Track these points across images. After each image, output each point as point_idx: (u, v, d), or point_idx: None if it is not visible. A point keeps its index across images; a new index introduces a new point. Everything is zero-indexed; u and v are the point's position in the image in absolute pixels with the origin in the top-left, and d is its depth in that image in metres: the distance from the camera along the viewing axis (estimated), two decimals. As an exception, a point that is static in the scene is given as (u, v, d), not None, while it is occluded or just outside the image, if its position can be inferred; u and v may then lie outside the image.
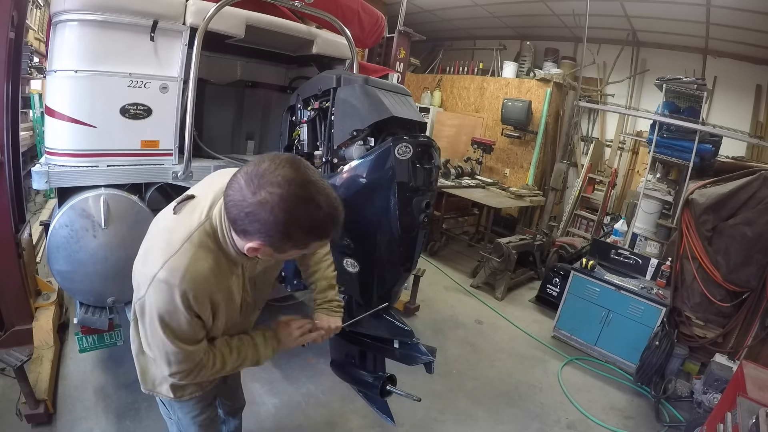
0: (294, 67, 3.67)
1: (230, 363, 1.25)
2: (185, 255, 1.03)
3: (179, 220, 1.09)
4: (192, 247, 1.04)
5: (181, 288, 1.01)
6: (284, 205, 0.91)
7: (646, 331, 3.56)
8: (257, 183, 0.92)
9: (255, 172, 0.93)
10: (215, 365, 1.21)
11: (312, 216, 0.95)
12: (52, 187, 2.14)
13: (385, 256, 1.80)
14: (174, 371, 1.14)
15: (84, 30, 2.08)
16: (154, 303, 1.03)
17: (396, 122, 1.75)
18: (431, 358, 1.87)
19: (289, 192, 0.91)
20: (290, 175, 0.92)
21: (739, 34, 5.11)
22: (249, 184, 0.93)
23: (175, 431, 1.58)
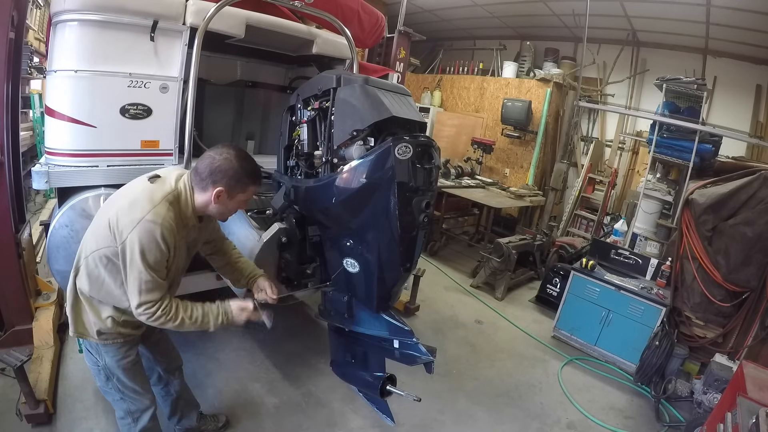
0: (294, 67, 3.67)
1: (182, 317, 1.57)
2: (163, 207, 1.49)
3: (156, 186, 1.55)
4: (166, 203, 1.51)
5: (161, 227, 1.46)
6: (237, 160, 1.56)
7: (646, 331, 3.56)
8: (221, 151, 1.57)
9: (217, 149, 1.58)
10: (171, 311, 1.54)
11: (252, 167, 1.61)
12: (52, 187, 2.15)
13: (385, 256, 1.80)
14: (143, 300, 1.48)
15: (84, 30, 2.09)
16: (139, 239, 1.44)
17: (396, 122, 1.75)
18: (431, 358, 1.87)
19: (239, 153, 1.60)
20: (236, 147, 1.63)
21: (739, 34, 5.11)
22: (216, 153, 1.56)
23: (102, 377, 1.77)
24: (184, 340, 2.94)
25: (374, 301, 1.91)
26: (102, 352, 1.71)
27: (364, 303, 1.98)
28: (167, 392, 2.13)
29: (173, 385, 2.14)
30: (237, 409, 2.60)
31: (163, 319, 1.52)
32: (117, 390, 1.79)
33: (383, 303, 1.93)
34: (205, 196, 1.57)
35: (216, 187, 1.54)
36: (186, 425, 2.24)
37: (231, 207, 1.64)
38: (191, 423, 2.25)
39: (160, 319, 1.52)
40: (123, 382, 1.77)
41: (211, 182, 1.54)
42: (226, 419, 2.46)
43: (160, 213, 1.47)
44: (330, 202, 1.82)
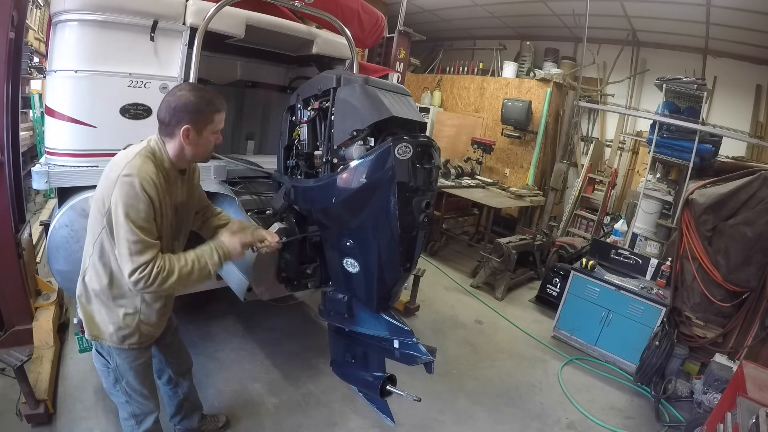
0: (294, 67, 3.67)
1: (179, 269, 1.49)
2: (138, 160, 1.45)
3: (129, 149, 1.53)
4: (141, 157, 1.46)
5: (139, 177, 1.41)
6: (192, 93, 1.51)
7: (646, 331, 3.56)
8: (173, 91, 1.53)
9: (171, 90, 1.56)
10: (166, 267, 1.45)
11: (209, 95, 1.54)
12: (52, 187, 2.15)
13: (385, 256, 1.80)
14: (136, 264, 1.40)
15: (84, 30, 2.09)
16: (120, 199, 1.39)
17: (396, 122, 1.75)
18: (431, 358, 1.87)
19: (191, 86, 1.56)
20: (189, 83, 1.72)
21: (739, 34, 5.11)
22: (170, 95, 1.52)
23: (111, 379, 1.73)
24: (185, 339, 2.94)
25: (374, 301, 1.90)
26: (114, 354, 1.66)
27: (364, 303, 1.97)
28: (175, 393, 2.14)
29: (182, 387, 2.14)
30: (237, 409, 2.60)
31: (160, 279, 1.43)
32: (124, 392, 1.75)
33: (383, 303, 1.93)
34: (175, 141, 1.52)
35: (181, 127, 1.48)
36: (187, 426, 2.25)
37: (203, 143, 1.56)
38: (192, 424, 2.25)
39: (158, 280, 1.43)
40: (132, 385, 1.74)
41: (175, 124, 1.48)
42: (227, 419, 2.47)
43: (135, 165, 1.43)
44: (330, 202, 1.82)
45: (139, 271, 1.40)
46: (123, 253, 1.41)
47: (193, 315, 3.43)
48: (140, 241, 1.40)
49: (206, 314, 3.51)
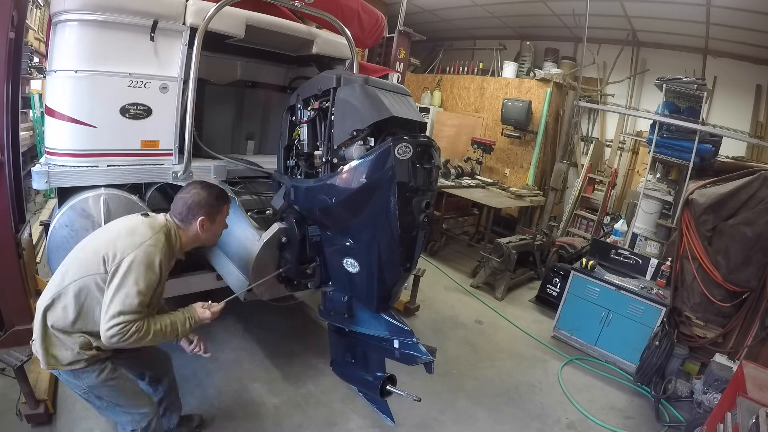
0: (294, 67, 3.67)
1: (153, 331, 1.60)
2: (162, 235, 1.66)
3: (151, 219, 1.72)
4: (163, 233, 1.67)
5: (160, 254, 1.61)
6: (205, 190, 1.77)
7: (646, 331, 3.56)
8: (188, 189, 1.79)
9: (183, 190, 1.81)
10: (143, 328, 1.56)
11: (217, 190, 1.83)
12: (52, 187, 2.15)
13: (385, 256, 1.80)
14: (121, 320, 1.51)
15: (84, 30, 2.09)
16: (137, 263, 1.54)
17: (396, 122, 1.75)
18: (431, 358, 1.87)
19: (203, 184, 1.83)
20: (198, 181, 1.92)
21: (739, 34, 5.11)
22: (185, 193, 1.77)
23: (94, 399, 1.76)
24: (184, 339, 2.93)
25: (374, 301, 1.91)
26: (80, 377, 1.69)
27: (364, 303, 1.98)
28: (156, 390, 2.14)
29: (162, 385, 2.15)
30: (237, 409, 2.60)
31: (135, 338, 1.53)
32: (115, 406, 1.78)
33: (383, 303, 1.93)
34: (191, 229, 1.76)
35: (197, 218, 1.74)
36: (165, 425, 2.20)
37: (216, 229, 1.84)
38: (170, 424, 2.24)
39: (132, 338, 1.53)
40: (115, 398, 1.77)
41: (192, 216, 1.74)
42: (201, 419, 2.43)
43: (160, 240, 1.63)
44: (330, 202, 1.82)
45: (120, 326, 1.50)
46: (114, 307, 1.51)
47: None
48: (137, 304, 1.53)
49: (206, 314, 3.50)
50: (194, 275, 2.77)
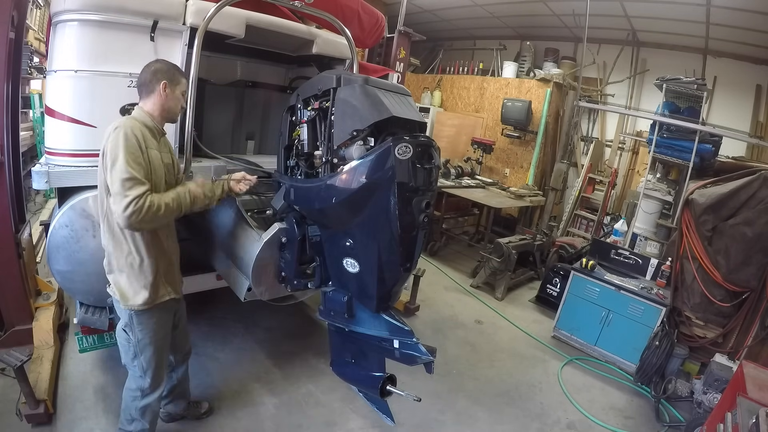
0: (294, 67, 3.67)
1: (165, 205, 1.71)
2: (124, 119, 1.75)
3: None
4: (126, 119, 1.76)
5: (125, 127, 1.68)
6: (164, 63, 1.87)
7: (646, 331, 3.56)
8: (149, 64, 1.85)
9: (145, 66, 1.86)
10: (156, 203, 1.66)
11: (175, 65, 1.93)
12: (52, 187, 2.15)
13: (385, 256, 1.80)
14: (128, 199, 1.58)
15: (84, 30, 2.09)
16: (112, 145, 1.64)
17: (396, 122, 1.75)
18: (431, 358, 1.87)
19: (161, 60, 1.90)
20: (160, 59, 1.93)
21: (739, 34, 5.11)
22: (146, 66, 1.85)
23: (131, 354, 1.90)
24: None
25: (374, 301, 1.90)
26: (137, 329, 1.85)
27: (364, 303, 1.98)
28: (169, 377, 2.21)
29: (177, 372, 2.27)
30: (237, 409, 2.60)
31: (151, 214, 1.63)
32: (140, 368, 1.91)
33: (383, 303, 1.93)
34: (154, 96, 1.82)
35: (160, 83, 1.80)
36: (171, 410, 2.35)
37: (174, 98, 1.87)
38: (178, 409, 2.36)
39: (149, 214, 1.62)
40: (149, 360, 1.90)
41: (156, 82, 1.80)
42: (209, 406, 2.53)
43: (122, 121, 1.72)
44: (330, 202, 1.82)
45: (132, 205, 1.58)
46: (116, 191, 1.60)
47: (193, 315, 3.41)
48: (131, 178, 1.60)
49: (206, 315, 3.51)
50: (194, 276, 2.77)
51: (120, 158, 1.61)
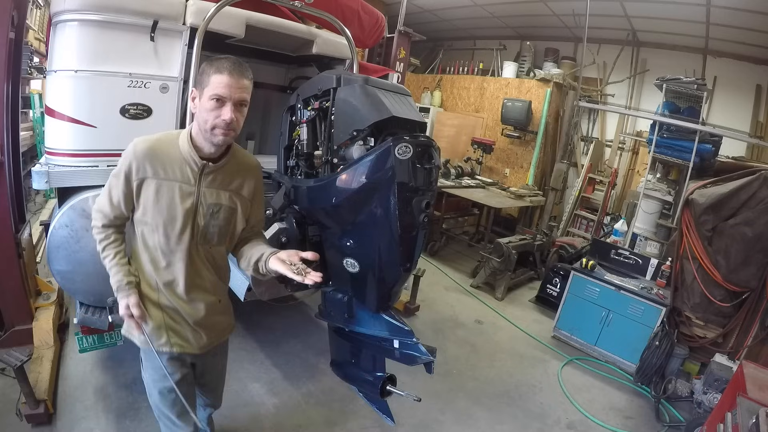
0: (294, 67, 3.67)
1: (106, 258, 1.46)
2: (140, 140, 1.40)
3: None
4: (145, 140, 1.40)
5: (128, 157, 1.38)
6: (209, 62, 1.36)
7: (646, 331, 3.56)
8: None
9: None
10: (101, 242, 1.46)
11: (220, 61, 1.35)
12: (52, 187, 2.15)
13: (385, 256, 1.79)
14: (94, 215, 1.46)
15: (84, 30, 2.09)
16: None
17: (396, 122, 1.75)
18: (431, 358, 1.86)
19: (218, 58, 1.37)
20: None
21: (739, 34, 5.11)
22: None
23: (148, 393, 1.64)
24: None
25: (374, 301, 1.90)
26: (144, 366, 1.58)
27: (364, 303, 1.97)
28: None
29: (204, 413, 1.96)
30: (237, 409, 2.60)
31: (97, 245, 1.45)
32: (157, 410, 1.62)
33: (383, 303, 1.93)
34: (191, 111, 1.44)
35: (192, 92, 1.40)
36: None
37: (204, 107, 1.34)
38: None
39: (96, 244, 1.46)
40: (158, 406, 1.59)
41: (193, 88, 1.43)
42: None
43: (138, 143, 1.38)
44: (330, 202, 1.82)
45: (93, 222, 1.47)
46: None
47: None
48: (101, 198, 1.44)
49: (206, 314, 3.50)
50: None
51: (104, 188, 1.42)
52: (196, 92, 1.37)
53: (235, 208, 1.51)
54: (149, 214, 1.40)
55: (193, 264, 1.47)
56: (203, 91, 1.33)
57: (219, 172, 1.45)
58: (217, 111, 1.32)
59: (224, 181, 1.47)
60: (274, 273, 1.45)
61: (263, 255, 1.48)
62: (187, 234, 1.42)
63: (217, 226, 1.48)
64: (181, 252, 1.44)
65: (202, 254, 1.49)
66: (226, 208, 1.48)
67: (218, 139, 1.35)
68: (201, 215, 1.44)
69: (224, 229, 1.50)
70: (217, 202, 1.46)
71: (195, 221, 1.43)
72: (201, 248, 1.48)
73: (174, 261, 1.45)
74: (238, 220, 1.54)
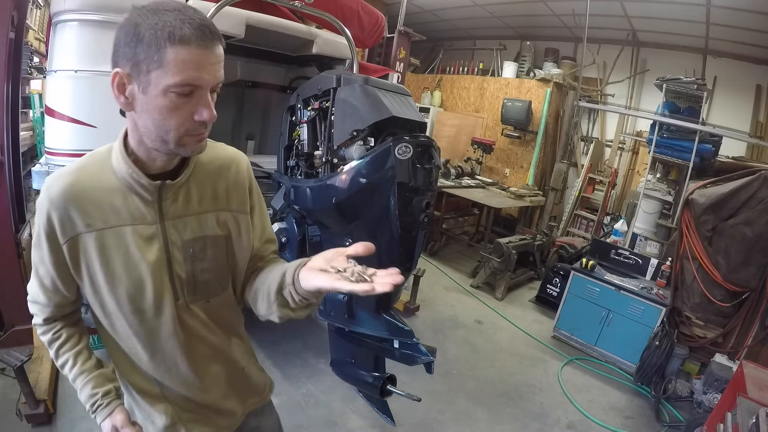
0: (294, 67, 3.67)
1: (59, 358, 1.01)
2: (61, 173, 0.90)
3: None
4: (70, 169, 0.90)
5: (44, 189, 0.86)
6: (139, 12, 0.75)
7: (646, 331, 3.56)
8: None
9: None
10: (47, 337, 1.00)
11: (161, 15, 0.74)
12: (52, 187, 2.14)
13: (385, 256, 1.80)
14: (30, 308, 1.00)
15: (84, 30, 2.09)
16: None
17: (396, 122, 1.75)
18: (431, 358, 1.87)
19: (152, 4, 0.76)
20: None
21: (739, 34, 5.11)
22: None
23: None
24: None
25: (374, 301, 1.91)
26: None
27: (364, 303, 1.98)
28: None
29: None
30: (237, 409, 2.59)
31: (45, 342, 1.02)
32: None
33: (383, 303, 1.93)
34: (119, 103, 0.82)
35: (116, 76, 0.77)
36: None
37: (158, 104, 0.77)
38: None
39: (43, 340, 1.02)
40: None
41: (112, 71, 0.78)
42: None
43: (49, 179, 0.88)
44: (330, 203, 1.82)
45: (34, 317, 1.01)
46: None
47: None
48: (32, 284, 0.96)
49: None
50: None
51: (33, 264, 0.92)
52: (127, 76, 0.77)
53: (228, 234, 0.99)
54: (102, 290, 0.89)
55: (190, 335, 0.98)
56: (149, 76, 0.75)
57: (186, 187, 0.93)
58: (186, 108, 0.78)
59: (199, 197, 0.95)
60: (315, 293, 0.87)
61: (286, 274, 0.90)
62: (167, 298, 0.93)
63: (209, 269, 0.97)
64: (167, 327, 0.94)
65: (200, 314, 1.00)
66: (214, 239, 0.97)
67: (192, 149, 0.85)
68: (178, 263, 0.93)
69: (221, 269, 1.00)
70: (198, 235, 0.94)
71: (172, 275, 0.93)
72: (195, 308, 0.98)
73: (160, 344, 0.96)
74: (237, 249, 1.02)
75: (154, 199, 0.89)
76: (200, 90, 0.79)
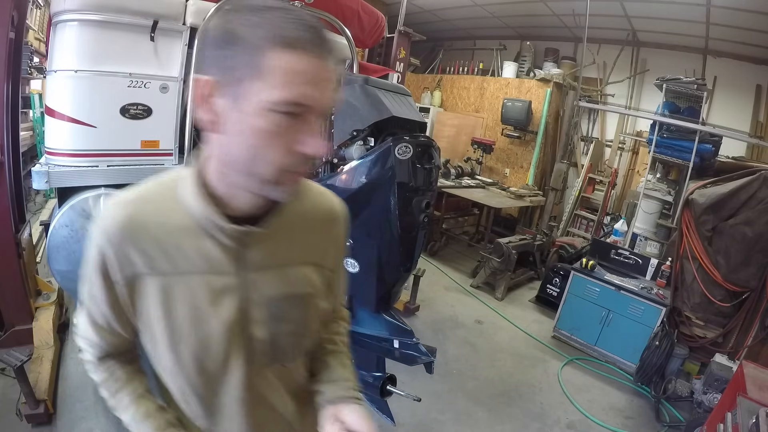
0: (294, 67, 3.66)
1: (120, 411, 0.86)
2: (122, 197, 0.74)
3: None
4: (132, 193, 0.75)
5: (97, 227, 0.72)
6: (225, 12, 0.61)
7: (646, 331, 3.56)
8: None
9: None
10: (105, 378, 0.87)
11: (263, 13, 0.59)
12: (52, 187, 2.14)
13: (385, 256, 1.80)
14: (80, 344, 0.88)
15: (84, 30, 2.08)
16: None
17: (396, 122, 1.76)
18: (431, 358, 1.87)
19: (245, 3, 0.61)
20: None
21: (739, 34, 5.11)
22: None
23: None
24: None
25: (374, 301, 1.91)
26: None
27: (364, 303, 1.98)
28: None
29: None
30: (237, 409, 2.59)
31: (99, 382, 0.89)
32: None
33: (383, 303, 1.93)
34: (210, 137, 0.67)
35: (198, 83, 0.62)
36: None
37: (254, 125, 0.60)
38: None
39: (96, 380, 0.90)
40: None
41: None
42: None
43: (107, 207, 0.73)
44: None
45: (83, 354, 0.89)
46: None
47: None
48: (84, 322, 0.83)
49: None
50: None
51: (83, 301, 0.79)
52: (214, 85, 0.61)
53: (313, 292, 0.82)
54: (159, 345, 0.75)
55: (257, 401, 0.82)
56: (245, 87, 0.59)
57: (275, 236, 0.76)
58: (289, 135, 0.62)
59: (288, 245, 0.78)
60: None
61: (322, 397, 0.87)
62: (239, 362, 0.76)
63: (293, 332, 0.81)
64: (234, 391, 0.78)
65: (272, 379, 0.83)
66: (302, 297, 0.81)
67: (287, 191, 0.68)
68: (257, 322, 0.76)
69: (303, 333, 0.84)
70: (285, 292, 0.78)
71: (249, 336, 0.76)
72: (269, 372, 0.82)
73: (220, 408, 0.81)
74: (318, 308, 0.86)
75: (234, 245, 0.72)
76: (310, 114, 0.62)
